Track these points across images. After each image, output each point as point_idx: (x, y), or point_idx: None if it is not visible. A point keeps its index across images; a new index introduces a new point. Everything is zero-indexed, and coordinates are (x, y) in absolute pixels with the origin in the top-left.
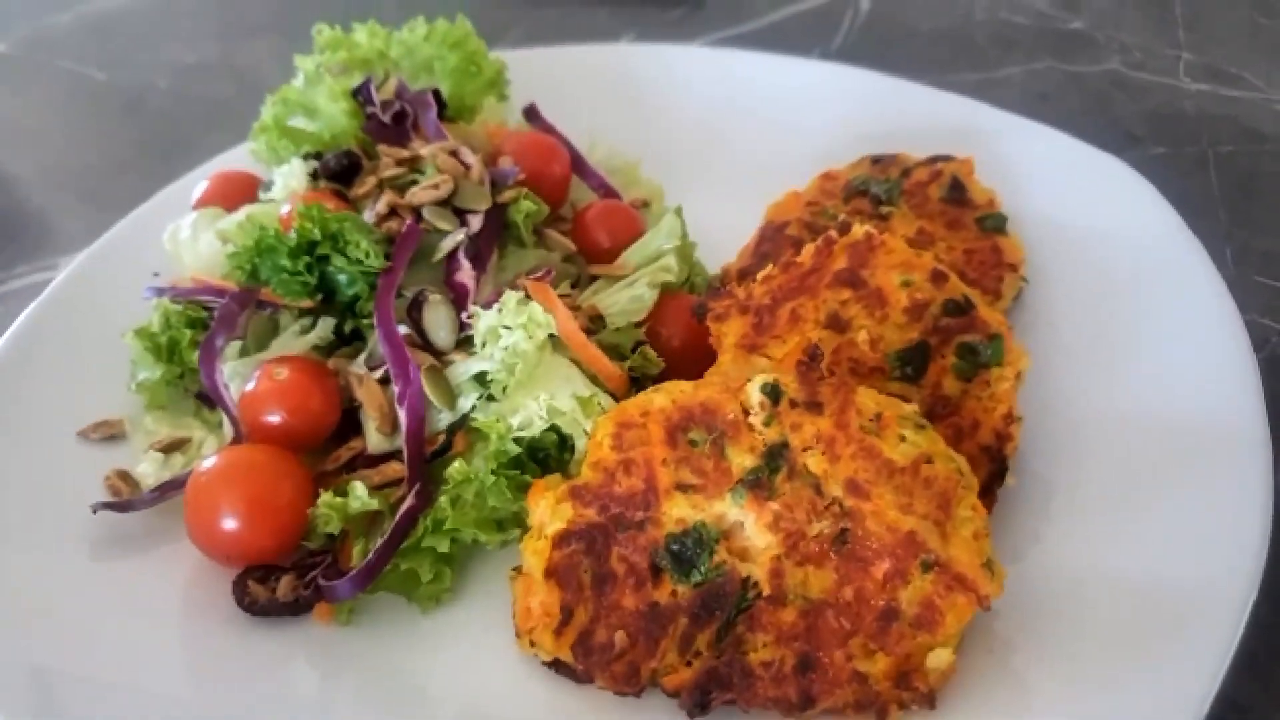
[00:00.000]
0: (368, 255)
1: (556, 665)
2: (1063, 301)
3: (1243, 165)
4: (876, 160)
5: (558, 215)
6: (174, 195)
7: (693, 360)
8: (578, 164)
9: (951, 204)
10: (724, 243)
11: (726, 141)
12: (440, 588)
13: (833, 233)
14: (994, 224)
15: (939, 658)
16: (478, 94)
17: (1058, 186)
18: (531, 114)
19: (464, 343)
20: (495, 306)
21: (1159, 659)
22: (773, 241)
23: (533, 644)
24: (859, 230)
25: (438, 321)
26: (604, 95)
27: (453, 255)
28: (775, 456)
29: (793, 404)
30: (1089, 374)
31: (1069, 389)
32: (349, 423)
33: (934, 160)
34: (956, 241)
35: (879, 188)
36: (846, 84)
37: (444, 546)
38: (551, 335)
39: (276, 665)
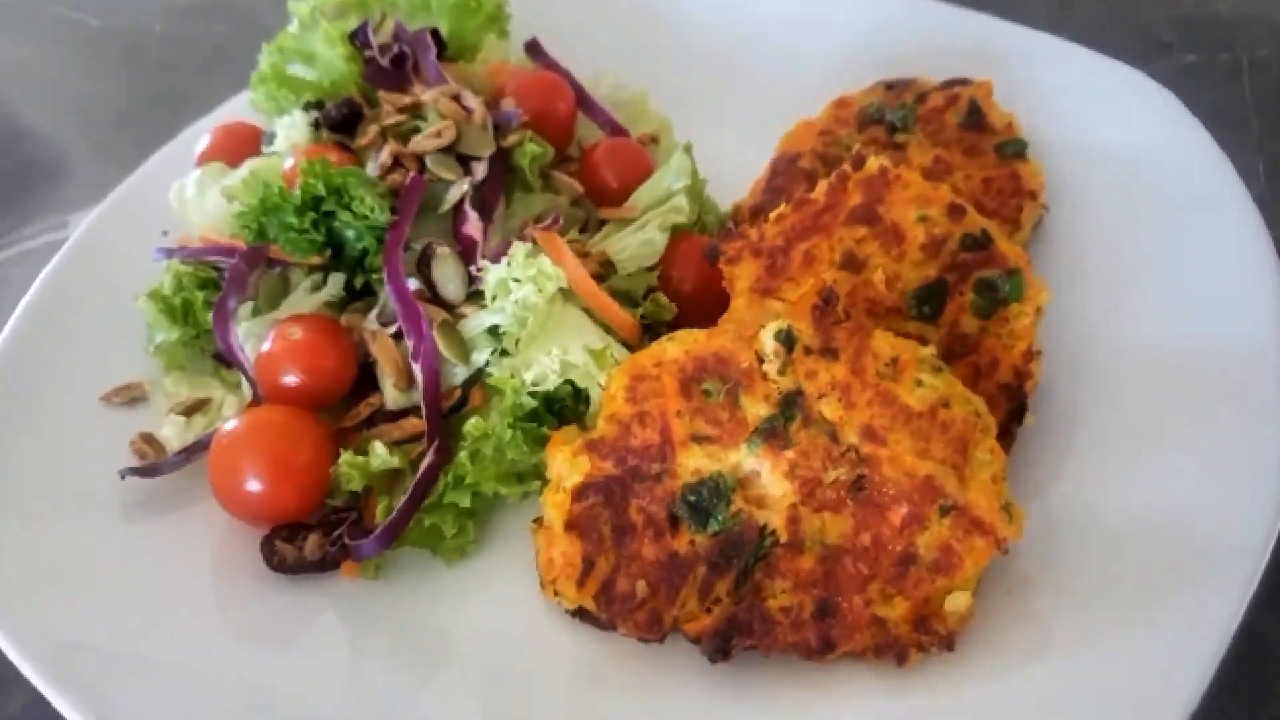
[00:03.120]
0: (373, 211)
1: (580, 614)
2: (1085, 229)
3: (1278, 70)
4: (891, 86)
5: (565, 155)
6: (177, 149)
7: (706, 303)
8: (583, 100)
9: (969, 130)
10: (736, 175)
11: (735, 68)
12: (464, 541)
13: (846, 168)
14: (1013, 150)
15: (957, 601)
16: (477, 31)
17: (1081, 106)
18: (534, 49)
19: (475, 295)
20: (504, 260)
21: (1180, 596)
22: (785, 175)
23: (556, 593)
24: (873, 164)
25: (447, 275)
26: (607, 25)
27: (459, 206)
28: (790, 405)
29: (807, 351)
30: (1111, 305)
31: (1091, 321)
32: (366, 378)
33: (951, 84)
34: (974, 169)
35: (894, 115)
36: (858, 3)
37: (465, 501)
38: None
39: (308, 620)
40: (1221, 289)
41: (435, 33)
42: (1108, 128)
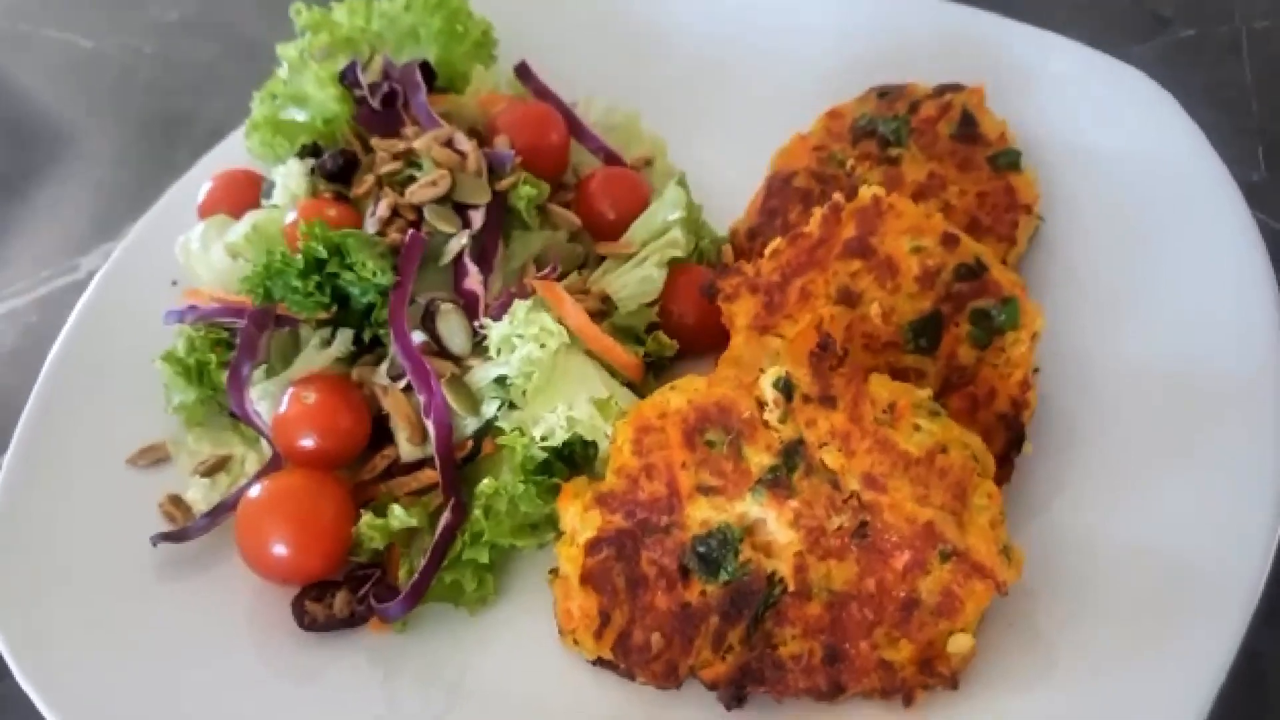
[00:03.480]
0: (375, 274)
1: (600, 662)
2: (1080, 239)
3: (1278, 43)
4: (883, 93)
5: (560, 184)
6: (179, 195)
7: (708, 334)
8: (575, 128)
9: (962, 141)
10: (730, 190)
11: (724, 78)
12: (485, 592)
13: (839, 198)
14: (1007, 161)
15: (960, 643)
16: (466, 58)
17: (1075, 107)
18: (523, 73)
19: (481, 343)
20: (505, 318)
21: (1180, 622)
22: (780, 196)
23: (576, 642)
24: (866, 194)
25: (452, 330)
26: (592, 41)
27: (459, 259)
28: (792, 454)
29: (806, 399)
30: (1107, 320)
31: (1087, 337)
32: (381, 429)
33: (943, 91)
34: (969, 184)
35: (886, 127)
36: (844, 3)
37: (484, 557)
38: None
39: (338, 671)
40: (1216, 305)
41: (425, 66)
42: (1103, 131)
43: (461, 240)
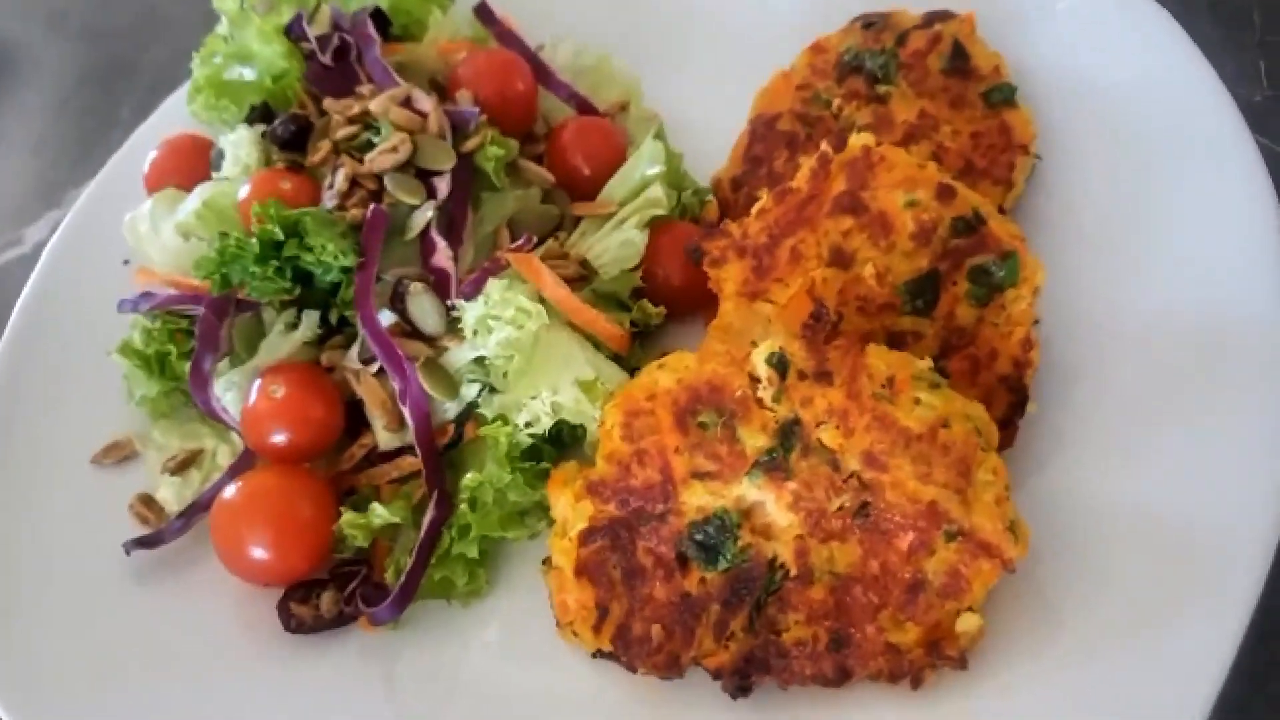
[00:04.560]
0: (336, 258)
1: (600, 654)
2: (1079, 178)
3: None
4: (868, 24)
5: (529, 136)
6: (124, 162)
7: (695, 294)
8: (542, 74)
9: (954, 76)
10: (710, 132)
11: (699, 7)
12: (477, 586)
13: (828, 149)
14: (1001, 97)
15: (968, 622)
16: (422, 2)
17: (1069, 32)
18: (484, 14)
19: (456, 321)
20: (480, 298)
21: (1193, 585)
22: (764, 141)
23: (575, 634)
24: (855, 144)
25: (423, 311)
26: None
27: (425, 233)
28: (788, 435)
29: (801, 375)
30: (1109, 264)
31: (1088, 284)
32: (356, 415)
33: (931, 20)
34: (962, 123)
35: (874, 62)
36: None
37: (472, 552)
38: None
39: (330, 672)
40: (1223, 247)
41: (377, 13)
42: (1099, 58)
43: (427, 213)
